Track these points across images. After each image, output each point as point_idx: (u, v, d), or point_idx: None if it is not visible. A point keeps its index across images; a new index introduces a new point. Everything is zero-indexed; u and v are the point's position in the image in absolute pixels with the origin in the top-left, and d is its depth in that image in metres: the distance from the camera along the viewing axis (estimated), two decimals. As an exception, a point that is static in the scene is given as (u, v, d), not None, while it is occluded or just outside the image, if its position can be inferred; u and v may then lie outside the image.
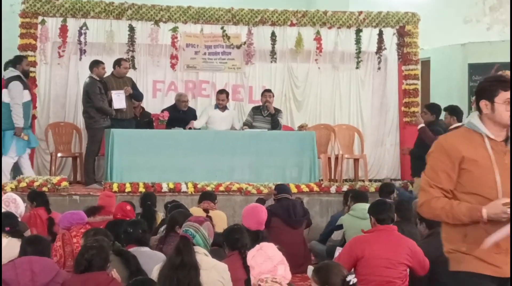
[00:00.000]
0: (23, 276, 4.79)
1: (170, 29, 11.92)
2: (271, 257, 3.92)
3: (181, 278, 4.43)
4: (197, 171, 10.33)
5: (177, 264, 4.49)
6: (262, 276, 3.86)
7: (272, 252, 3.96)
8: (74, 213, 6.79)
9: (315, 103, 12.62)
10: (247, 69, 12.36)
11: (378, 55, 12.64)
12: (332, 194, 10.26)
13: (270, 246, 4.01)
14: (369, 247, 5.83)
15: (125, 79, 11.03)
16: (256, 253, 3.96)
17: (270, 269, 3.88)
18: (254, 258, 3.94)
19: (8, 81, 10.10)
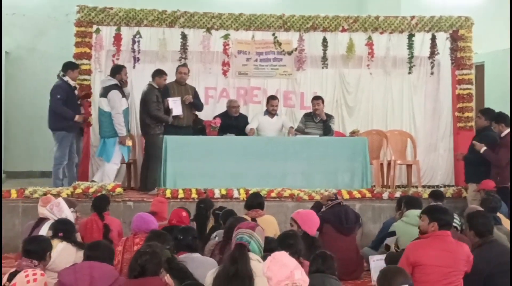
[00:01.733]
0: (82, 280, 4.87)
1: (221, 36, 12.02)
2: (286, 264, 3.91)
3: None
4: (249, 177, 10.37)
5: (232, 273, 4.50)
6: (281, 284, 3.84)
7: (285, 259, 3.96)
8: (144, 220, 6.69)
9: (367, 109, 12.56)
10: (298, 75, 12.37)
11: (431, 60, 12.52)
12: (384, 200, 10.19)
13: (282, 254, 4.01)
14: (426, 254, 5.78)
15: (187, 87, 11.24)
16: (270, 264, 3.93)
17: (288, 275, 3.86)
18: (269, 269, 3.91)
19: (107, 89, 10.43)
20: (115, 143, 10.50)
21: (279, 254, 4.00)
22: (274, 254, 3.99)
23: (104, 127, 10.57)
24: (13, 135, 11.94)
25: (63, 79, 10.56)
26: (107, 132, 10.52)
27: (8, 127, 12.79)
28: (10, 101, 12.52)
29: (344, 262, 7.47)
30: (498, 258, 6.10)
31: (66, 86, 10.52)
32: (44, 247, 5.35)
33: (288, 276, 3.84)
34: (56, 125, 10.50)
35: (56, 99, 10.40)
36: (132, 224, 6.67)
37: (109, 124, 10.48)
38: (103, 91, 10.54)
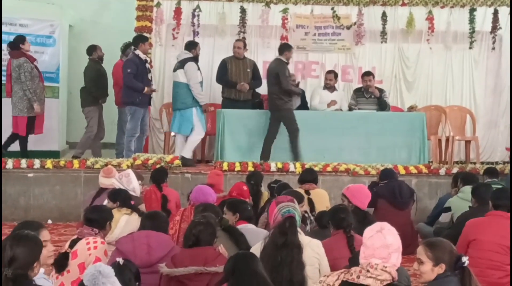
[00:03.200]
0: (140, 249, 5.01)
1: (280, 11, 12.04)
2: (389, 245, 3.78)
3: (284, 257, 4.56)
4: (306, 151, 10.41)
5: (280, 243, 4.62)
6: (372, 261, 3.75)
7: (391, 239, 3.81)
8: (203, 192, 6.76)
9: (426, 84, 12.45)
10: (357, 49, 12.33)
11: (492, 35, 12.32)
12: (441, 176, 10.11)
13: (390, 231, 3.85)
14: (482, 231, 5.80)
15: (245, 61, 11.19)
16: (375, 234, 3.80)
17: (384, 256, 3.75)
18: (372, 239, 3.79)
19: (184, 62, 10.57)
20: (192, 114, 10.55)
21: (388, 229, 3.85)
22: (383, 227, 3.86)
23: (181, 99, 10.53)
24: (76, 107, 12.23)
25: (134, 53, 10.68)
26: (184, 104, 10.53)
27: (71, 99, 13.10)
28: (73, 74, 12.80)
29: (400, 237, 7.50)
30: None
31: (137, 60, 10.63)
32: (105, 216, 5.52)
33: (384, 257, 3.76)
34: (128, 99, 10.66)
35: (127, 73, 10.53)
36: (191, 195, 6.81)
37: (186, 95, 10.51)
38: (179, 64, 10.61)
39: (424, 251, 4.11)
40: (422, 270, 4.09)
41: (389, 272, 3.71)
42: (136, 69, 10.53)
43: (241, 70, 11.07)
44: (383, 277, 3.70)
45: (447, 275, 4.05)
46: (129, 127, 10.68)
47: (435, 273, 4.08)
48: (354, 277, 3.74)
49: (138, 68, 10.56)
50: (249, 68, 11.19)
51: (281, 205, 4.96)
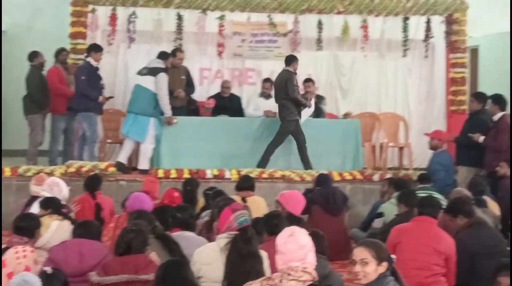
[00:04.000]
0: (72, 257, 4.96)
1: (217, 17, 12.06)
2: (303, 246, 3.87)
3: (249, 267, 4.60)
4: (242, 158, 10.48)
5: (245, 253, 4.65)
6: (292, 264, 3.81)
7: (304, 239, 3.90)
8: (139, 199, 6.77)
9: (361, 91, 12.63)
10: (293, 57, 12.40)
11: (425, 43, 12.57)
12: (375, 182, 10.26)
13: (301, 232, 3.94)
14: (407, 234, 5.94)
15: (180, 69, 11.15)
16: (287, 240, 3.88)
17: (301, 257, 3.83)
18: (286, 245, 3.87)
19: (156, 71, 10.37)
20: (149, 123, 10.31)
21: (299, 231, 3.93)
22: (293, 230, 3.94)
23: (141, 104, 10.26)
24: (10, 114, 12.01)
25: (86, 60, 10.64)
26: (144, 110, 10.27)
27: (5, 105, 12.86)
28: (7, 80, 12.57)
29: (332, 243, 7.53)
30: (486, 240, 6.22)
31: (90, 67, 10.57)
32: (33, 224, 5.45)
33: (302, 258, 3.83)
34: (82, 106, 10.53)
35: (82, 80, 10.45)
36: (127, 203, 6.77)
37: (149, 103, 10.29)
38: (149, 71, 10.37)
39: (368, 251, 4.18)
40: (366, 271, 4.16)
41: (309, 273, 3.78)
42: (89, 76, 10.45)
43: (176, 78, 10.99)
44: (305, 278, 3.76)
45: (386, 274, 4.13)
46: (89, 134, 10.56)
47: (378, 273, 4.17)
48: (277, 281, 3.79)
49: (91, 75, 10.48)
50: (183, 75, 11.16)
51: (237, 213, 4.95)
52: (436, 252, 5.85)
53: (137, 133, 10.28)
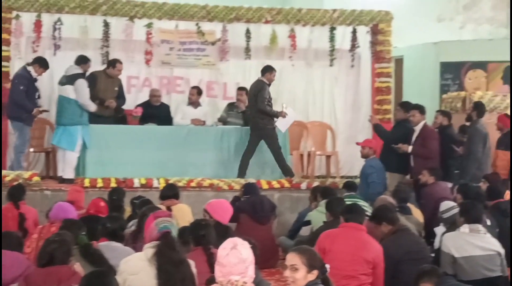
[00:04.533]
0: (-8, 269, 4.85)
1: (144, 25, 11.94)
2: (245, 260, 3.78)
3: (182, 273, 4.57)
4: (170, 167, 10.43)
5: (176, 260, 4.61)
6: (232, 278, 3.75)
7: (246, 253, 3.81)
8: (63, 209, 6.73)
9: (289, 100, 12.60)
10: (221, 65, 12.42)
11: (351, 53, 12.74)
12: (303, 191, 10.34)
13: (244, 246, 3.85)
14: (335, 241, 5.98)
15: (115, 80, 11.08)
16: (230, 252, 3.79)
17: (242, 271, 3.76)
18: (228, 257, 3.78)
19: (73, 78, 10.23)
20: (77, 131, 10.18)
21: (241, 244, 3.85)
22: (236, 243, 3.84)
23: (67, 114, 10.17)
24: None
25: (26, 68, 10.43)
26: (71, 120, 10.17)
27: None
28: None
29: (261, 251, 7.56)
30: (410, 247, 6.35)
31: (29, 77, 10.34)
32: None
33: (242, 272, 3.76)
34: (16, 115, 10.32)
35: (20, 90, 10.23)
36: (51, 213, 6.65)
37: (73, 111, 10.17)
38: (68, 79, 10.26)
39: (298, 258, 4.17)
40: (295, 277, 4.15)
41: None
42: (27, 87, 10.26)
43: (109, 88, 10.93)
44: None
45: (315, 282, 4.15)
46: (18, 143, 10.34)
47: (307, 280, 4.16)
48: None
49: (29, 86, 10.30)
50: (117, 86, 11.09)
51: (158, 221, 4.92)
52: (365, 261, 5.92)
53: (67, 142, 10.19)
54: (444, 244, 6.35)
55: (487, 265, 6.21)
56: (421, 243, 6.76)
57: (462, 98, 12.21)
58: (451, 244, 6.28)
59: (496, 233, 7.35)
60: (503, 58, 13.34)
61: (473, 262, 6.18)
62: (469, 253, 6.20)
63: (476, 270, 6.17)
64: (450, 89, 13.48)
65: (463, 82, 13.57)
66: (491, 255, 6.26)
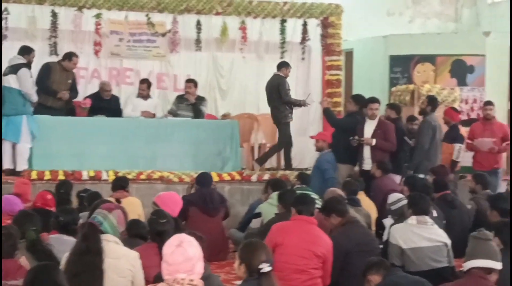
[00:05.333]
0: None
1: (93, 16, 11.81)
2: (191, 257, 3.69)
3: (86, 263, 4.47)
4: (120, 159, 10.31)
5: (82, 250, 4.53)
6: (178, 276, 3.67)
7: (192, 250, 3.72)
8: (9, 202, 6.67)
9: (240, 92, 12.72)
10: (172, 57, 12.35)
11: (302, 46, 12.79)
12: (253, 183, 10.37)
13: (190, 243, 3.75)
14: (287, 235, 6.00)
15: (68, 73, 10.92)
16: (175, 250, 3.69)
17: (189, 269, 3.69)
18: (173, 256, 3.68)
19: (17, 67, 10.02)
20: (22, 121, 9.96)
21: (187, 242, 3.73)
22: (182, 240, 3.75)
23: (11, 105, 9.92)
24: None
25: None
26: (14, 110, 9.91)
27: None
28: None
29: (210, 244, 7.56)
30: (358, 238, 6.41)
31: None
32: None
33: (189, 269, 3.69)
34: None
35: None
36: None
37: (17, 101, 9.95)
38: (11, 69, 10.04)
39: (238, 249, 4.27)
40: (235, 267, 4.23)
41: (196, 285, 3.71)
42: None
43: (63, 80, 10.77)
44: None
45: (248, 279, 4.15)
46: None
47: (241, 272, 4.19)
48: None
49: None
50: (70, 79, 10.94)
51: (94, 212, 4.93)
52: (315, 256, 5.95)
53: (12, 134, 9.96)
54: (392, 236, 6.43)
55: (434, 256, 6.30)
56: (370, 235, 6.83)
57: (411, 91, 12.34)
58: (399, 236, 6.36)
59: (443, 224, 7.49)
60: (451, 52, 13.56)
61: (421, 253, 6.26)
62: (416, 245, 6.28)
63: (423, 261, 6.26)
64: (399, 82, 13.61)
65: (411, 76, 13.72)
66: (438, 246, 6.36)
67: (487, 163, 10.55)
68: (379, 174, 9.45)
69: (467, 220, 8.45)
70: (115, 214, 4.96)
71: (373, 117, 10.16)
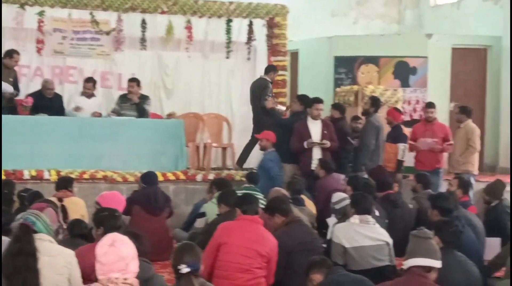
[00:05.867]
0: None
1: (36, 13, 11.61)
2: (125, 257, 3.71)
3: (18, 265, 4.40)
4: (62, 159, 10.17)
5: (15, 251, 4.45)
6: (112, 275, 3.67)
7: (126, 250, 3.74)
8: None
9: (185, 92, 12.66)
10: (116, 56, 12.23)
11: (247, 46, 12.80)
12: (198, 183, 10.37)
13: (123, 242, 3.77)
14: (232, 234, 6.02)
15: (10, 71, 10.79)
16: (108, 250, 3.70)
17: (122, 268, 3.70)
18: (106, 255, 3.69)
19: None
20: None
21: (120, 241, 3.76)
22: (114, 239, 3.75)
23: None
24: None
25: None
26: None
27: None
28: None
29: (154, 243, 7.56)
30: (302, 238, 6.46)
31: None
32: None
33: (123, 269, 3.68)
34: None
35: None
36: None
37: None
38: None
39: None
40: None
41: (130, 284, 3.69)
42: None
43: (5, 78, 10.58)
44: None
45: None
46: None
47: None
48: None
49: None
50: (12, 77, 10.80)
51: (26, 212, 4.87)
52: (259, 255, 5.99)
53: None
54: (335, 235, 6.49)
55: (376, 255, 6.38)
56: (313, 234, 6.90)
57: (355, 92, 12.49)
58: (341, 235, 6.42)
59: (385, 223, 7.59)
60: (394, 53, 13.75)
61: (363, 252, 6.34)
62: (359, 244, 6.36)
63: (366, 260, 6.33)
64: (343, 83, 13.75)
65: (356, 76, 13.87)
66: (380, 245, 6.45)
67: (428, 163, 10.72)
68: (322, 173, 9.54)
69: (409, 219, 8.58)
70: (47, 213, 4.93)
71: (318, 117, 10.27)
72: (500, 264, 6.19)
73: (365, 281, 4.98)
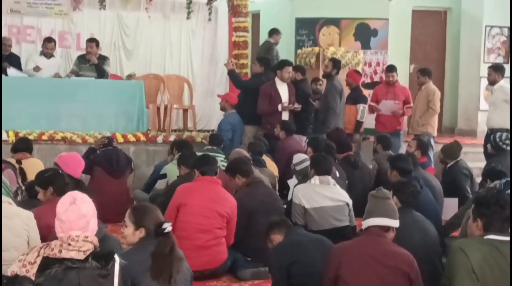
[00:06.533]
0: None
1: (-10, -30, 11.35)
2: (85, 214, 3.72)
3: None
4: (20, 119, 10.03)
5: None
6: (72, 233, 3.68)
7: (86, 207, 3.75)
8: None
9: (145, 53, 12.51)
10: (75, 15, 12.01)
11: (208, 6, 12.65)
12: (159, 144, 10.31)
13: (83, 200, 3.78)
14: (192, 195, 6.04)
15: None
16: (69, 208, 3.71)
17: (82, 226, 3.71)
18: (67, 213, 3.70)
19: None
20: None
21: (80, 199, 3.77)
22: (75, 198, 3.75)
23: None
24: None
25: None
26: None
27: None
28: None
29: (115, 204, 7.60)
30: (262, 198, 6.50)
31: None
32: None
33: (83, 227, 3.70)
34: None
35: None
36: None
37: None
38: None
39: (128, 215, 4.30)
40: (125, 233, 4.29)
41: (90, 242, 3.70)
42: None
43: None
44: (86, 247, 3.67)
45: (147, 239, 4.20)
46: None
47: (137, 237, 4.25)
48: (56, 252, 3.65)
49: None
50: None
51: None
52: (219, 215, 6.04)
53: None
54: (295, 196, 6.55)
55: (336, 215, 6.46)
56: (274, 195, 6.94)
57: (316, 53, 12.49)
58: (302, 195, 6.48)
59: (345, 184, 7.67)
60: (355, 15, 13.77)
61: (323, 212, 6.41)
62: (319, 204, 6.42)
63: (325, 220, 6.41)
64: (305, 44, 13.75)
65: (317, 38, 13.87)
66: (340, 205, 6.52)
67: (389, 124, 10.80)
68: (283, 135, 9.57)
69: (368, 180, 8.69)
70: (6, 175, 4.87)
71: (288, 79, 10.28)
72: (457, 224, 6.30)
73: (325, 240, 5.03)
